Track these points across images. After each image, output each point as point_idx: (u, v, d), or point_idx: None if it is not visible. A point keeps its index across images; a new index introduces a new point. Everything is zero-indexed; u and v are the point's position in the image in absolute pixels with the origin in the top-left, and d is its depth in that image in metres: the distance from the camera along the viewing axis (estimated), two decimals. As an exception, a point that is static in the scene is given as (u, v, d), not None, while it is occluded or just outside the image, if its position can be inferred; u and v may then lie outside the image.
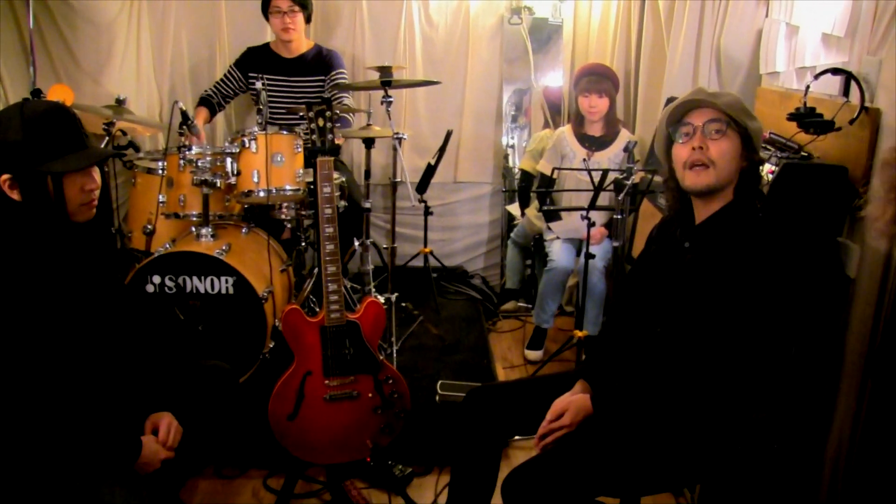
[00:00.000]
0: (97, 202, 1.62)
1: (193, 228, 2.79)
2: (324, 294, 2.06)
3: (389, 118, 2.73)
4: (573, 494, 1.55)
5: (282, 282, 2.88)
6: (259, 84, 2.75)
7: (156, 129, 3.48)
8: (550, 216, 3.26)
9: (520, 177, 3.73)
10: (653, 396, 1.58)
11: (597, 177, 2.72)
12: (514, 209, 3.85)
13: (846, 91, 1.96)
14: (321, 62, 3.47)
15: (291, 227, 3.23)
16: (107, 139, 2.93)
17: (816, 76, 1.99)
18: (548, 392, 1.75)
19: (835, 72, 1.97)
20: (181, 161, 2.76)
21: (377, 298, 2.20)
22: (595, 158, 3.25)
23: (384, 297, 2.89)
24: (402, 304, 3.39)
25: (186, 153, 2.73)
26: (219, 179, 2.71)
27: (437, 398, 2.71)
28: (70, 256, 1.61)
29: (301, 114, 3.18)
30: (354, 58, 3.81)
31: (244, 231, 2.90)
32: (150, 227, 2.88)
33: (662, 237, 1.79)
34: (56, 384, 1.50)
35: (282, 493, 2.25)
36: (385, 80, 2.69)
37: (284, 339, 2.10)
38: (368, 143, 2.93)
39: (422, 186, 3.38)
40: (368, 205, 2.99)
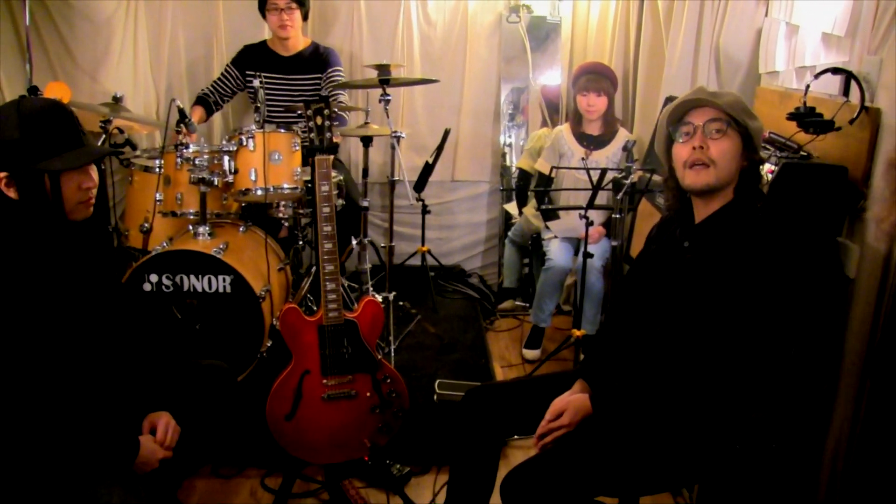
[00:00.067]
0: (94, 200, 1.61)
1: (191, 227, 2.78)
2: (322, 293, 2.05)
3: (387, 116, 2.72)
4: (572, 494, 1.55)
5: (279, 280, 2.87)
6: (256, 82, 2.74)
7: (153, 127, 3.46)
8: (548, 215, 3.26)
9: (517, 175, 3.73)
10: (652, 396, 1.58)
11: (595, 176, 2.72)
12: (512, 208, 3.84)
13: (846, 91, 1.96)
14: (318, 60, 3.46)
15: (289, 226, 3.22)
16: (104, 137, 2.91)
17: (816, 76, 1.99)
18: (547, 391, 1.75)
19: (835, 71, 1.97)
20: (178, 159, 2.74)
21: (375, 297, 2.20)
22: (593, 157, 3.25)
23: (382, 296, 2.89)
24: (400, 303, 3.39)
25: (184, 151, 2.72)
26: (216, 178, 2.70)
27: (435, 397, 2.71)
28: (67, 255, 1.60)
29: (299, 112, 3.18)
30: (352, 56, 3.80)
31: (242, 229, 2.90)
32: (147, 226, 2.87)
33: (662, 236, 1.79)
34: (53, 383, 1.49)
35: (279, 493, 2.24)
36: (383, 79, 2.68)
37: (282, 338, 2.09)
38: (366, 142, 2.92)
39: (419, 185, 3.38)
40: (366, 203, 2.99)
